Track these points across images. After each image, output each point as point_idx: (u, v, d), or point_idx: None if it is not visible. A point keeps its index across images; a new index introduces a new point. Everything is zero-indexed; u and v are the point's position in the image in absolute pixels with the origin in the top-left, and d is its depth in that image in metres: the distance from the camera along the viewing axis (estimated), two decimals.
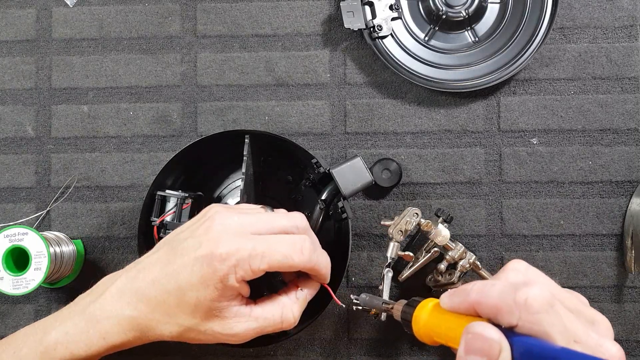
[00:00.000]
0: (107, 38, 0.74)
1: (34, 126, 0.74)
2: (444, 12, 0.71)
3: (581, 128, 0.71)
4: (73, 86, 0.74)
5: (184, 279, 0.50)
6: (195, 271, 0.49)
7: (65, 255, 0.68)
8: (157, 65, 0.74)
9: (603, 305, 0.71)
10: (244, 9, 0.74)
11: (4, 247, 0.64)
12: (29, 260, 0.64)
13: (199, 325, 0.51)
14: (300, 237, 0.52)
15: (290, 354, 0.72)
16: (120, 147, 0.74)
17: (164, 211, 0.66)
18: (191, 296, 0.50)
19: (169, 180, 0.68)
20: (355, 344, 0.72)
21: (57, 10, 0.74)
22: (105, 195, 0.73)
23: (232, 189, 0.72)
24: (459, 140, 0.72)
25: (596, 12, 0.72)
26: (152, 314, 0.51)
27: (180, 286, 0.50)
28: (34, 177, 0.74)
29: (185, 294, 0.50)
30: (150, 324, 0.51)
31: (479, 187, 0.72)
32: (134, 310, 0.51)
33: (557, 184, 0.71)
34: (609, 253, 0.71)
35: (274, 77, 0.73)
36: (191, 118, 0.73)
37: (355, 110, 0.73)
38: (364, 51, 0.73)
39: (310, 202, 0.68)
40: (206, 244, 0.49)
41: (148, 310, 0.51)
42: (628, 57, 0.71)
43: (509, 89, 0.72)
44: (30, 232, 0.64)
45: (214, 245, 0.49)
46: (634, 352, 0.71)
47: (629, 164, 0.71)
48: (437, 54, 0.72)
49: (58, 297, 0.73)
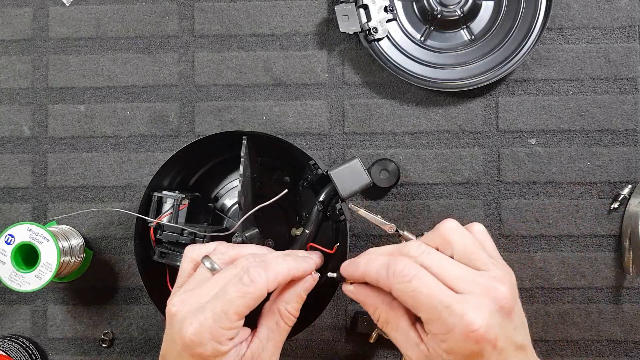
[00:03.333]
0: (104, 37, 0.74)
1: (31, 126, 0.74)
2: (438, 11, 0.71)
3: (579, 128, 0.71)
4: (70, 86, 0.74)
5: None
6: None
7: (74, 249, 0.68)
8: (154, 65, 0.73)
9: (601, 306, 0.71)
10: (242, 9, 0.73)
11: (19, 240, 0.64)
12: (38, 257, 0.64)
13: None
14: (241, 269, 0.50)
15: (288, 355, 0.71)
16: (117, 147, 0.73)
17: (160, 212, 0.65)
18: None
19: (166, 181, 0.68)
20: (353, 346, 0.72)
21: (54, 9, 0.74)
22: (102, 196, 0.73)
23: (229, 190, 0.71)
24: (457, 140, 0.72)
25: (594, 12, 0.72)
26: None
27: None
28: (30, 177, 0.73)
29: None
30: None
31: (477, 188, 0.72)
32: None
33: (556, 184, 0.71)
34: (607, 254, 0.71)
35: (272, 77, 0.73)
36: (188, 118, 0.73)
37: (353, 110, 0.72)
38: (362, 52, 0.72)
39: (308, 204, 0.68)
40: (178, 338, 0.48)
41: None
42: (626, 58, 0.71)
43: (507, 89, 0.72)
44: (38, 229, 0.64)
45: (183, 335, 0.47)
46: (631, 353, 0.71)
47: (627, 164, 0.71)
48: (434, 53, 0.72)
49: (55, 299, 0.73)
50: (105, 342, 0.72)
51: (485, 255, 0.48)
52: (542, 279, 0.71)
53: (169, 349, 0.50)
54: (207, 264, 0.52)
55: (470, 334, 0.44)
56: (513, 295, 0.46)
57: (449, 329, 0.45)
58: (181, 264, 0.54)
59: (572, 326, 0.71)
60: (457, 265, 0.48)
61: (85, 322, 0.73)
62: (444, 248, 0.49)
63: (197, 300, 0.49)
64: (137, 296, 0.73)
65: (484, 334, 0.44)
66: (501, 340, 0.45)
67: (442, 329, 0.45)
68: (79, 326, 0.73)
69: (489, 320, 0.44)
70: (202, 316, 0.48)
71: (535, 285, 0.71)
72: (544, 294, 0.71)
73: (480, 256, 0.48)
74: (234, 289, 0.48)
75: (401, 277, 0.46)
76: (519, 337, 0.47)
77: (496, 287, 0.46)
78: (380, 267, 0.48)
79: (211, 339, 0.47)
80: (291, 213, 0.70)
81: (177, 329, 0.48)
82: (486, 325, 0.44)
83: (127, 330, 0.73)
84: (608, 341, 0.71)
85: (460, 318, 0.44)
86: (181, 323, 0.48)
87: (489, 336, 0.44)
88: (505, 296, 0.46)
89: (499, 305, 0.45)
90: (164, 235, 0.63)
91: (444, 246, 0.49)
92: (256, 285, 0.49)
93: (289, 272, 0.51)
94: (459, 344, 0.45)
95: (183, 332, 0.47)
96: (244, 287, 0.48)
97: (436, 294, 0.45)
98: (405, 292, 0.46)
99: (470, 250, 0.48)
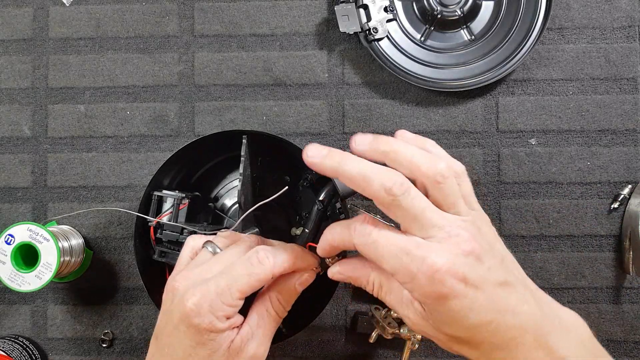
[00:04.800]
0: (104, 37, 0.74)
1: (30, 126, 0.74)
2: (438, 11, 0.71)
3: (579, 128, 0.71)
4: (70, 86, 0.74)
5: (182, 355, 0.48)
6: (184, 341, 0.48)
7: (74, 249, 0.68)
8: (154, 65, 0.74)
9: (601, 306, 0.71)
10: (242, 9, 0.73)
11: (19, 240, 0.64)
12: (38, 257, 0.64)
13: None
14: (252, 250, 0.50)
15: (288, 355, 0.71)
16: (117, 147, 0.73)
17: (160, 211, 0.66)
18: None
19: (165, 181, 0.68)
20: (353, 346, 0.71)
21: (54, 9, 0.74)
22: (102, 196, 0.73)
23: (229, 189, 0.71)
24: (457, 140, 0.72)
25: (594, 12, 0.72)
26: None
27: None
28: (30, 177, 0.73)
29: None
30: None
31: (477, 188, 0.72)
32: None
33: (556, 184, 0.71)
34: (607, 254, 0.71)
35: (272, 77, 0.73)
36: (188, 118, 0.73)
37: (353, 110, 0.73)
38: (361, 52, 0.73)
39: (308, 203, 0.68)
40: (177, 309, 0.48)
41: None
42: (626, 58, 0.71)
43: (507, 89, 0.72)
44: (38, 229, 0.64)
45: (184, 304, 0.47)
46: (632, 353, 0.70)
47: (627, 164, 0.71)
48: (434, 53, 0.72)
49: (55, 299, 0.73)
50: (105, 342, 0.72)
51: (462, 203, 0.46)
52: (542, 279, 0.71)
53: (164, 325, 0.50)
54: (210, 248, 0.52)
55: (434, 274, 0.42)
56: (476, 239, 0.44)
57: (413, 275, 0.43)
58: (181, 253, 0.54)
59: None
60: (432, 209, 0.45)
61: (85, 322, 0.73)
62: (429, 188, 0.46)
63: (201, 276, 0.49)
64: (137, 296, 0.73)
65: (448, 271, 0.42)
66: (473, 276, 0.43)
67: (407, 277, 0.44)
68: (79, 326, 0.73)
69: (453, 260, 0.43)
70: (206, 288, 0.48)
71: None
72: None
73: (457, 203, 0.46)
74: (242, 267, 0.49)
75: (361, 230, 0.46)
76: (497, 275, 0.44)
77: (458, 233, 0.44)
78: (343, 228, 0.48)
79: (210, 311, 0.47)
80: (291, 213, 0.70)
81: (177, 301, 0.48)
82: (450, 263, 0.43)
83: (127, 330, 0.72)
84: (608, 341, 0.71)
85: (422, 261, 0.43)
86: (182, 295, 0.48)
87: (455, 272, 0.42)
88: (467, 240, 0.44)
89: (460, 248, 0.43)
90: (164, 234, 0.63)
91: (429, 186, 0.46)
92: (263, 267, 0.49)
93: (294, 262, 0.51)
94: (427, 288, 0.43)
95: (184, 301, 0.47)
96: (252, 266, 0.49)
97: (395, 242, 0.44)
98: (366, 244, 0.45)
99: (452, 197, 0.46)
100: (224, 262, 0.50)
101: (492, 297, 0.44)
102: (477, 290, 0.43)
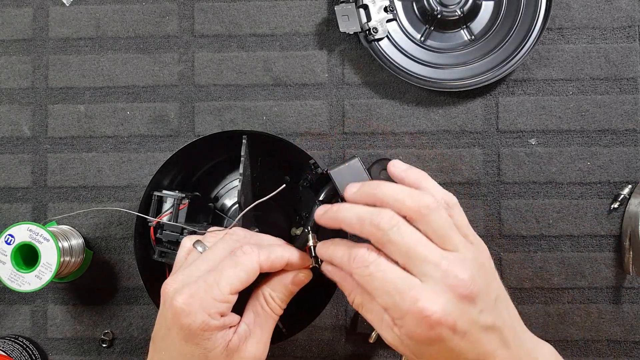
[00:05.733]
0: (104, 37, 0.74)
1: (30, 126, 0.74)
2: (438, 11, 0.71)
3: (579, 129, 0.71)
4: (70, 86, 0.74)
5: (178, 356, 0.49)
6: (178, 343, 0.48)
7: (74, 249, 0.68)
8: (154, 65, 0.74)
9: (601, 306, 0.71)
10: (242, 9, 0.73)
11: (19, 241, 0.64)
12: (38, 257, 0.64)
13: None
14: (237, 247, 0.51)
15: (288, 355, 0.71)
16: (117, 147, 0.73)
17: (160, 211, 0.66)
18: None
19: (165, 181, 0.68)
20: (353, 346, 0.72)
21: (54, 9, 0.74)
22: (102, 196, 0.73)
23: (229, 190, 0.72)
24: (457, 140, 0.72)
25: (594, 12, 0.72)
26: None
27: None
28: (30, 177, 0.73)
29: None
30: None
31: (477, 188, 0.72)
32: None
33: (556, 184, 0.71)
34: (607, 254, 0.71)
35: (272, 77, 0.73)
36: (188, 118, 0.73)
37: (353, 110, 0.73)
38: (362, 52, 0.73)
39: (308, 203, 0.68)
40: (169, 311, 0.48)
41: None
42: (626, 58, 0.71)
43: (507, 89, 0.72)
44: (38, 229, 0.64)
45: (174, 305, 0.47)
46: (632, 353, 0.71)
47: (627, 164, 0.71)
48: (434, 53, 0.72)
49: (55, 299, 0.73)
50: (105, 342, 0.72)
51: (457, 235, 0.47)
52: (542, 279, 0.71)
53: (159, 328, 0.50)
54: (199, 248, 0.53)
55: (423, 319, 0.43)
56: (474, 281, 0.44)
57: (403, 315, 0.44)
58: (177, 255, 0.55)
59: (572, 326, 0.71)
60: (424, 243, 0.46)
61: (85, 322, 0.73)
62: (417, 222, 0.47)
63: (189, 275, 0.49)
64: (137, 296, 0.73)
65: (439, 319, 0.43)
66: (462, 323, 0.44)
67: (397, 314, 0.45)
68: (79, 326, 0.73)
69: (445, 305, 0.43)
70: (195, 286, 0.48)
71: (535, 285, 0.71)
72: (544, 294, 0.71)
73: (451, 236, 0.46)
74: (227, 261, 0.49)
75: (360, 262, 0.46)
76: (486, 318, 0.45)
77: (455, 274, 0.44)
78: (344, 254, 0.48)
79: (201, 308, 0.47)
80: (291, 213, 0.70)
81: (168, 303, 0.48)
82: (441, 310, 0.43)
83: (127, 330, 0.72)
84: (608, 341, 0.71)
85: (413, 304, 0.43)
86: (172, 296, 0.48)
87: (445, 321, 0.43)
88: (464, 284, 0.44)
89: (456, 293, 0.44)
90: (164, 234, 0.63)
91: (417, 220, 0.47)
92: (248, 257, 0.49)
93: (282, 255, 0.52)
94: (414, 329, 0.44)
95: (174, 302, 0.47)
96: (236, 257, 0.49)
97: (391, 279, 0.45)
98: (362, 276, 0.46)
99: (443, 229, 0.46)
100: (211, 259, 0.50)
101: (476, 342, 0.45)
102: (464, 337, 0.44)
